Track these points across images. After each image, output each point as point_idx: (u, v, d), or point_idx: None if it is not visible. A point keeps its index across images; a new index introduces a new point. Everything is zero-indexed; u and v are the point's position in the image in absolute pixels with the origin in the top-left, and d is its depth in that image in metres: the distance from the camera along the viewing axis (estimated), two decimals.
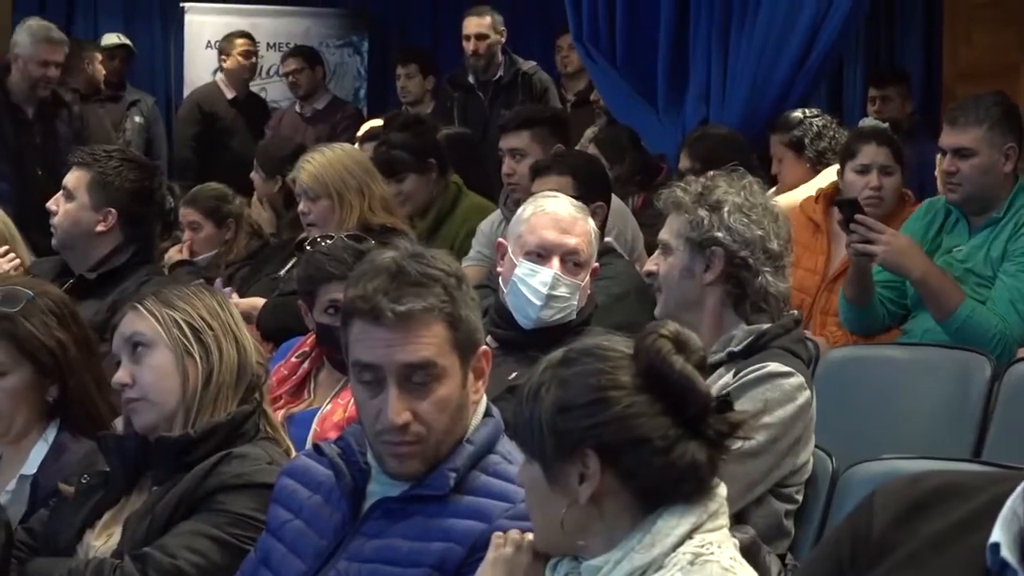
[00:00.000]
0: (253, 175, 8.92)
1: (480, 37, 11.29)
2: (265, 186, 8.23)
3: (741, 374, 4.29)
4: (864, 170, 7.06)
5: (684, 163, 7.67)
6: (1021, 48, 10.54)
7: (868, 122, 8.25)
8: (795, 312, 4.72)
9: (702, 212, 4.45)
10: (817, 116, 8.36)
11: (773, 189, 8.44)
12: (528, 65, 11.38)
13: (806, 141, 8.16)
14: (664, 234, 4.57)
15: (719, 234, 4.42)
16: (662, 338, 2.96)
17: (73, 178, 6.10)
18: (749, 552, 3.31)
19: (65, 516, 4.11)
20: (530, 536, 3.14)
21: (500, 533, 3.18)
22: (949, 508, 2.65)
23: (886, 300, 6.43)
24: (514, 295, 4.99)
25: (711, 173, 4.62)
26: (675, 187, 4.61)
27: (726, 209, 4.43)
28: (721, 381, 4.24)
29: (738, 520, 3.98)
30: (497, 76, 11.29)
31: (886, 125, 8.27)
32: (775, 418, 4.25)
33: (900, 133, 8.50)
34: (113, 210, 6.05)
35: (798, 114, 8.38)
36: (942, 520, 2.64)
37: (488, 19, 11.35)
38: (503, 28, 11.39)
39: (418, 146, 7.96)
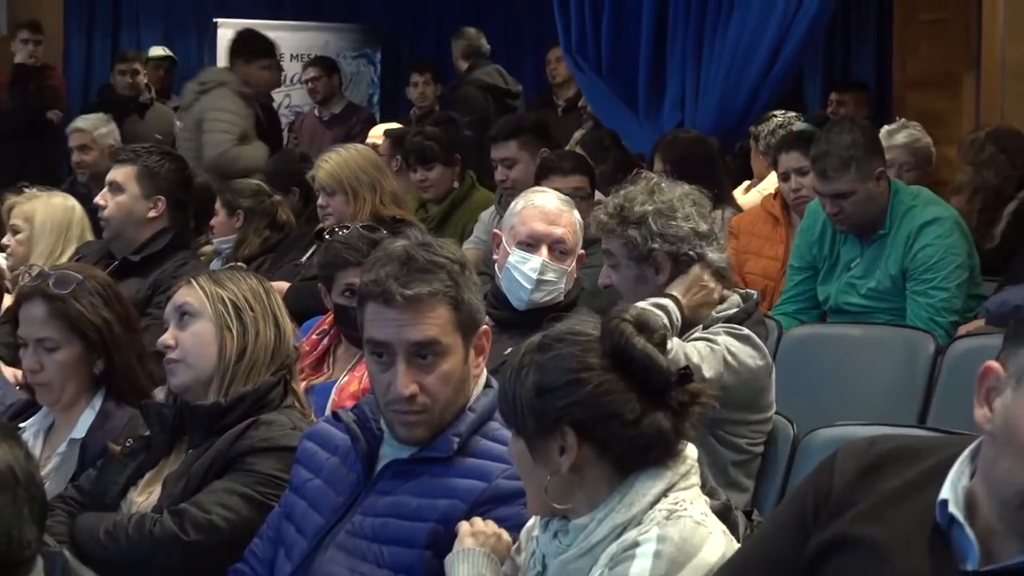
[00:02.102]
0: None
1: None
2: (287, 199, 8.21)
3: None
4: (785, 178, 7.08)
5: (657, 165, 7.55)
6: (962, 59, 10.52)
7: (799, 125, 8.18)
8: (752, 293, 4.71)
9: (631, 232, 4.43)
10: (779, 115, 8.38)
11: (748, 183, 8.49)
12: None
13: (761, 136, 8.19)
14: (607, 250, 4.56)
15: (655, 244, 4.41)
16: (624, 322, 2.97)
17: (120, 173, 6.11)
18: (721, 514, 3.33)
19: (111, 475, 4.11)
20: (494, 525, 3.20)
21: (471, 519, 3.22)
22: (903, 468, 2.66)
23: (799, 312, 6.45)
24: (508, 280, 4.99)
25: (621, 192, 4.57)
26: (597, 214, 4.59)
27: (650, 220, 4.42)
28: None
29: None
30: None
31: (804, 126, 8.12)
32: (741, 359, 4.31)
33: None
34: (162, 197, 6.08)
35: (774, 113, 8.46)
36: (897, 479, 2.65)
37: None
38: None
39: (448, 141, 8.07)
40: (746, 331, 4.36)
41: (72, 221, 6.54)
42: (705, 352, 4.22)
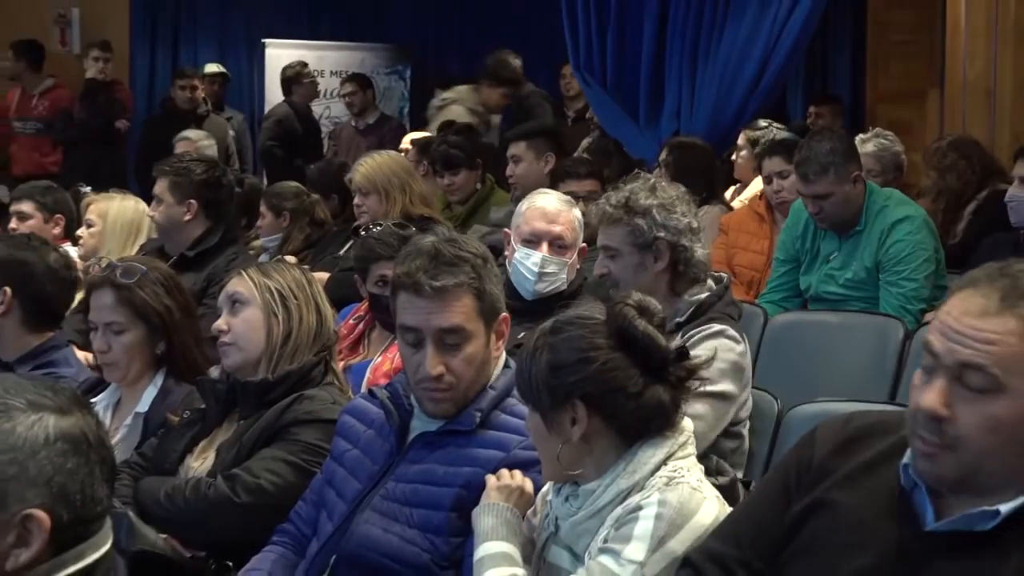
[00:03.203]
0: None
1: None
2: (327, 202, 8.23)
3: (688, 335, 4.27)
4: (768, 180, 7.09)
5: (663, 156, 7.77)
6: (928, 77, 10.52)
7: (781, 134, 8.21)
8: (724, 276, 4.66)
9: (638, 220, 4.39)
10: (766, 127, 8.39)
11: (733, 188, 8.48)
12: (527, 89, 11.37)
13: (760, 142, 8.20)
14: (606, 241, 4.50)
15: (660, 234, 4.38)
16: (628, 306, 2.99)
17: (158, 187, 6.20)
18: (729, 488, 3.39)
19: (170, 444, 4.12)
20: (520, 475, 3.20)
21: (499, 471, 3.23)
22: (876, 441, 2.68)
23: (783, 301, 6.43)
24: (515, 273, 4.99)
25: (624, 187, 4.53)
26: (601, 205, 4.55)
27: (654, 212, 4.39)
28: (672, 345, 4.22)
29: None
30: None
31: (786, 134, 8.19)
32: (726, 363, 4.22)
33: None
34: (193, 201, 6.09)
35: (762, 123, 8.50)
36: (871, 450, 2.67)
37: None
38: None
39: (470, 148, 8.06)
40: (716, 327, 4.31)
41: (140, 221, 6.55)
42: (704, 411, 4.14)
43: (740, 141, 8.36)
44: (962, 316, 2.43)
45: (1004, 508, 2.44)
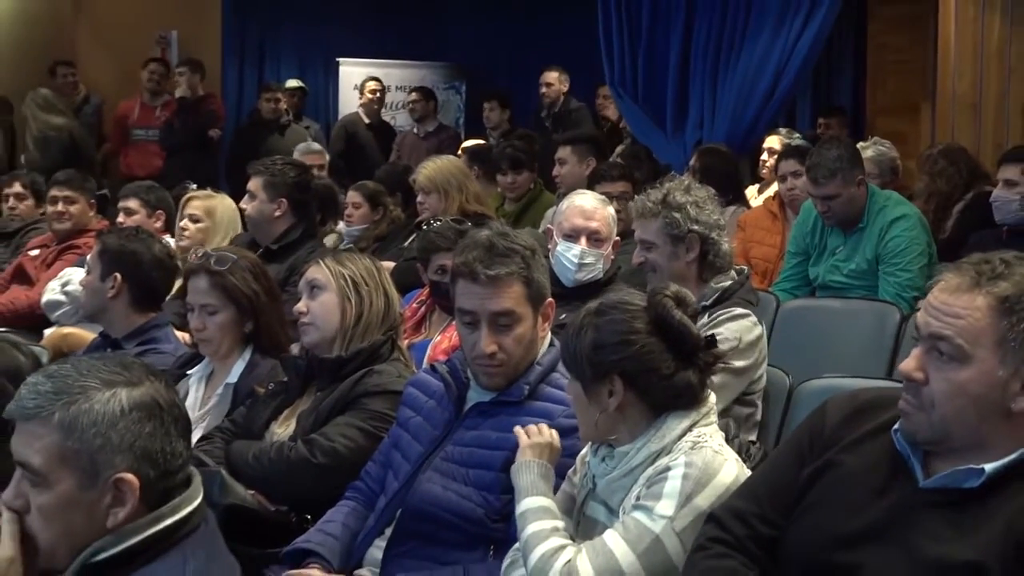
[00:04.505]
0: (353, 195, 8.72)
1: (549, 84, 11.45)
2: (392, 202, 8.25)
3: (714, 316, 4.27)
4: (783, 179, 7.11)
5: (693, 162, 7.84)
6: (921, 92, 10.43)
7: (796, 140, 8.19)
8: (745, 268, 4.69)
9: (675, 214, 4.40)
10: (784, 134, 8.40)
11: (763, 182, 8.45)
12: (575, 104, 11.43)
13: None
14: (643, 235, 4.50)
15: (695, 227, 4.38)
16: (666, 297, 2.98)
17: (253, 184, 6.14)
18: (742, 449, 3.38)
19: (257, 412, 4.13)
20: (547, 429, 3.20)
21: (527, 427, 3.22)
22: (879, 413, 2.69)
23: (794, 289, 6.39)
24: (557, 264, 4.96)
25: (662, 186, 4.53)
26: (639, 200, 4.55)
27: (688, 208, 4.39)
28: (698, 325, 4.20)
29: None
30: (557, 110, 11.35)
31: (801, 141, 8.17)
32: (743, 344, 4.22)
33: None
34: (284, 200, 6.07)
35: (782, 130, 8.56)
36: (874, 421, 2.69)
37: (556, 73, 11.45)
38: (566, 78, 11.47)
39: (531, 153, 8.10)
40: (737, 311, 4.30)
41: (236, 218, 6.55)
42: (721, 383, 4.05)
43: (776, 145, 8.28)
44: (939, 293, 2.48)
45: (989, 467, 2.46)
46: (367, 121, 12.35)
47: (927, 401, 2.47)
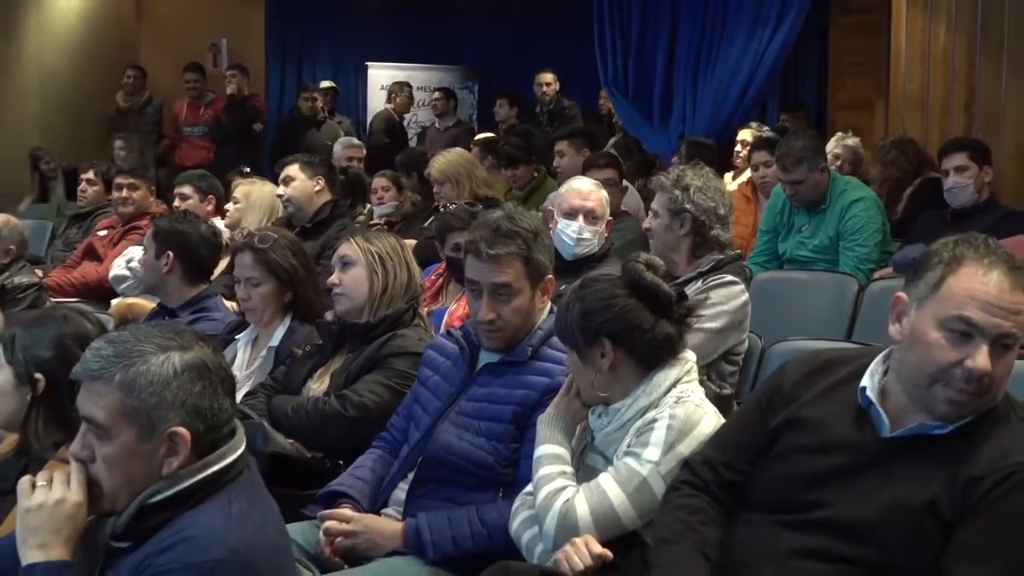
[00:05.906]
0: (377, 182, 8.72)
1: (548, 84, 11.45)
2: (408, 182, 8.27)
3: (708, 281, 4.24)
4: (755, 168, 7.14)
5: (682, 151, 7.88)
6: (876, 90, 10.36)
7: (766, 132, 8.17)
8: (739, 252, 4.67)
9: (676, 192, 4.36)
10: (755, 128, 8.38)
11: (736, 170, 8.42)
12: (567, 102, 11.45)
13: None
14: (654, 205, 4.49)
15: (688, 206, 4.34)
16: (637, 263, 3.00)
17: (290, 169, 6.20)
18: (726, 401, 3.34)
19: (296, 371, 4.12)
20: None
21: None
22: (838, 369, 2.68)
23: (765, 263, 6.36)
24: (558, 240, 4.90)
25: (683, 167, 4.52)
26: (661, 175, 4.53)
27: (691, 190, 4.35)
28: (694, 288, 4.17)
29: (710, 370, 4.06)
30: (552, 107, 11.37)
31: (770, 134, 8.11)
32: (730, 307, 4.18)
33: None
34: (321, 177, 6.09)
35: (753, 124, 8.57)
36: (833, 376, 2.67)
37: (550, 75, 11.47)
38: (556, 81, 11.50)
39: (527, 147, 8.00)
40: (728, 277, 4.26)
41: (274, 202, 6.53)
42: (699, 341, 3.99)
43: (748, 138, 8.25)
44: (1001, 295, 2.39)
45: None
46: (396, 119, 12.39)
47: (988, 387, 2.42)
